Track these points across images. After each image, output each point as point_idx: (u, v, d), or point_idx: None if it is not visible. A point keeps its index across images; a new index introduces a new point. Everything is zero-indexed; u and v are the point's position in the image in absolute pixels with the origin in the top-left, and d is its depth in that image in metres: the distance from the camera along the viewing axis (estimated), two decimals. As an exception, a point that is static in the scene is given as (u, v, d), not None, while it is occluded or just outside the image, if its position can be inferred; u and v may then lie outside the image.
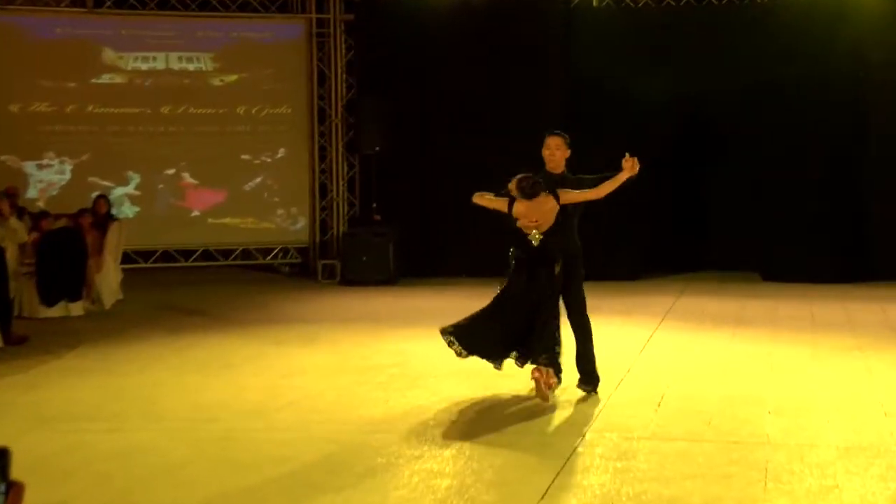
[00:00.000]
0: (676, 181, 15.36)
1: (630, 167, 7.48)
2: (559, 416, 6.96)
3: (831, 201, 14.51)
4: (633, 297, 13.16)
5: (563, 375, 7.55)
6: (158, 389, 8.00)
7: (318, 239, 16.42)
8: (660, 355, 9.23)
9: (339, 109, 16.20)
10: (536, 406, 7.23)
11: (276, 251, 16.45)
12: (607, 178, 7.53)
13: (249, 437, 6.55)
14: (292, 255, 16.56)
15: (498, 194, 7.62)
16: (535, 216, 7.46)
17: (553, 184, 7.61)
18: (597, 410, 7.06)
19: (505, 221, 7.61)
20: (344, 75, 16.22)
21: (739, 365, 8.75)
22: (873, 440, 6.20)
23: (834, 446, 6.09)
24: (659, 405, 7.24)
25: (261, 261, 16.44)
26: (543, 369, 7.33)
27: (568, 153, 7.89)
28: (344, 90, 16.21)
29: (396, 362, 8.96)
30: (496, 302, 7.64)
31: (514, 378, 7.87)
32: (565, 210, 7.56)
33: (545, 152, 7.88)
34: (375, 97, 15.39)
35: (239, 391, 7.90)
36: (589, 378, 7.75)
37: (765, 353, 9.22)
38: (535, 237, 7.48)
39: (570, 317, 7.75)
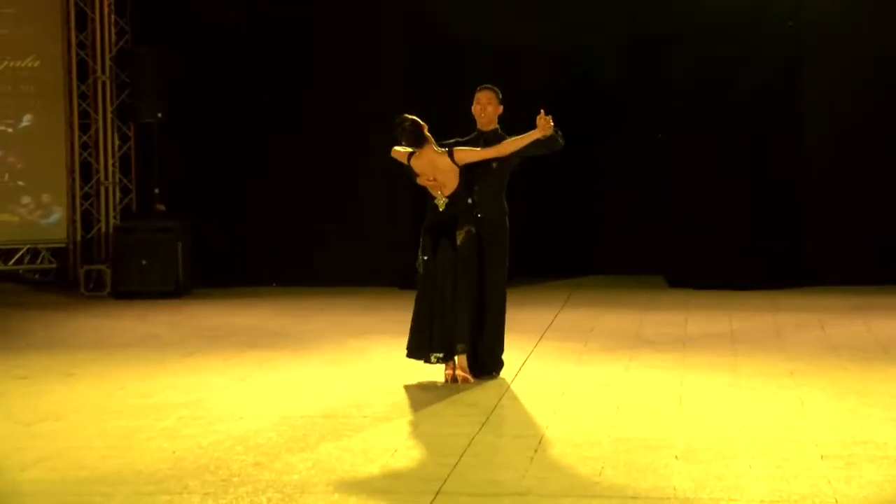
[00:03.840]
0: (558, 161, 15.49)
1: (543, 126, 9.05)
2: (406, 466, 7.01)
3: (754, 186, 14.85)
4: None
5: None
6: None
7: (79, 237, 16.17)
8: (535, 387, 9.36)
9: (108, 63, 15.98)
10: (375, 451, 7.28)
11: (21, 253, 16.12)
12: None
13: (-14, 505, 6.44)
14: (44, 258, 16.26)
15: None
16: (432, 174, 9.11)
17: (485, 143, 9.33)
18: (454, 459, 7.13)
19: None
20: (113, 17, 16.00)
21: (639, 398, 8.94)
22: (806, 490, 6.41)
23: (757, 499, 6.28)
24: (535, 451, 7.35)
25: (0, 266, 16.11)
26: (455, 362, 9.20)
27: (500, 109, 9.50)
28: (113, 37, 16.00)
29: (187, 401, 8.91)
30: (419, 289, 9.30)
31: (348, 420, 8.04)
32: (489, 168, 9.25)
33: (475, 108, 9.50)
34: (156, 47, 15.29)
35: (-29, 444, 7.75)
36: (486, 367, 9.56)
37: (671, 382, 9.45)
38: (441, 201, 9.17)
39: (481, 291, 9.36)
